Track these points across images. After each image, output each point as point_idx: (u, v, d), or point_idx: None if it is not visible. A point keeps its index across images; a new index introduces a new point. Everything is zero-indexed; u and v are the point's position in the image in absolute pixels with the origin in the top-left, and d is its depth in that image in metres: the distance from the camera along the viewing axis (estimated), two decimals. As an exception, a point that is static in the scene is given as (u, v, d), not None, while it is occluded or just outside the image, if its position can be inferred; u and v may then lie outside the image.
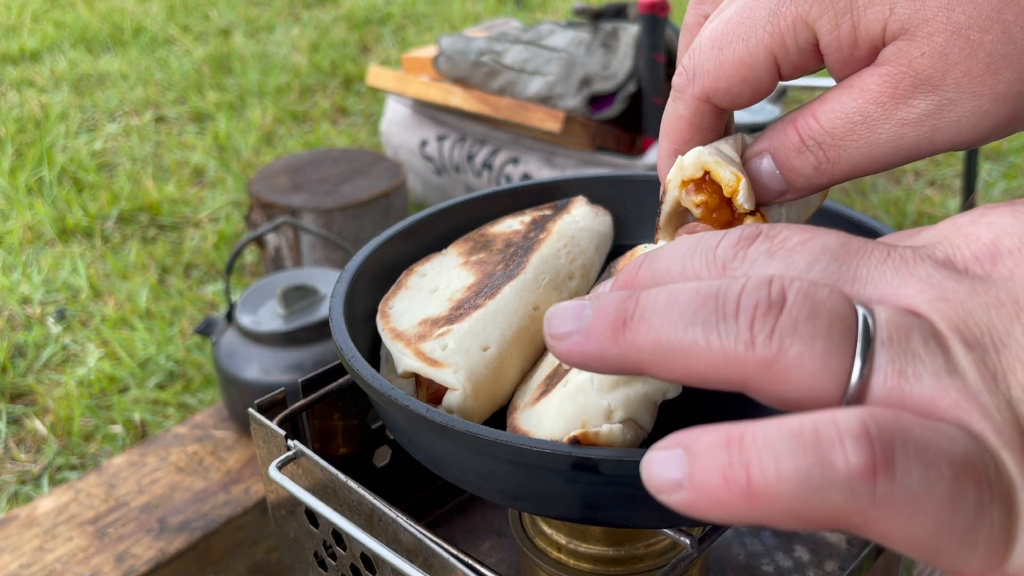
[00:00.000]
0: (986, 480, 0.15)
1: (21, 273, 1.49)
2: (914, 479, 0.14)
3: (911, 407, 0.16)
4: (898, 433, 0.15)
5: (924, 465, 0.14)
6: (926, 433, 0.15)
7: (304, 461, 0.36)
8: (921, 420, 0.15)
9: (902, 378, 0.16)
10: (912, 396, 0.16)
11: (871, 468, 0.14)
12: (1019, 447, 0.15)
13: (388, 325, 0.35)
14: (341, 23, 2.75)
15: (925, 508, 0.14)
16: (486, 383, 0.31)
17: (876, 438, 0.14)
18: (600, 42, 1.37)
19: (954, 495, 0.14)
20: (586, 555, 0.36)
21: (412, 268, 0.39)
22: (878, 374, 0.16)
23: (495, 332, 0.33)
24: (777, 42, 0.25)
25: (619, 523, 0.28)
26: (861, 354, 0.16)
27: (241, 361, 0.89)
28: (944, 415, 0.16)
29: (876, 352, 0.16)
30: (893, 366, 0.16)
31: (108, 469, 0.89)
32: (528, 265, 0.37)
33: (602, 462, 0.25)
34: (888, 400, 0.16)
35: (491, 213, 0.42)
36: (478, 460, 0.28)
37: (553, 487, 0.27)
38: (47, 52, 2.51)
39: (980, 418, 0.15)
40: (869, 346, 0.16)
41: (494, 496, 0.29)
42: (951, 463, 0.15)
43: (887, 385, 0.16)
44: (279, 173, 1.37)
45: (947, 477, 0.14)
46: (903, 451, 0.14)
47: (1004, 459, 0.15)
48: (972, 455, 0.15)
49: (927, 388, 0.16)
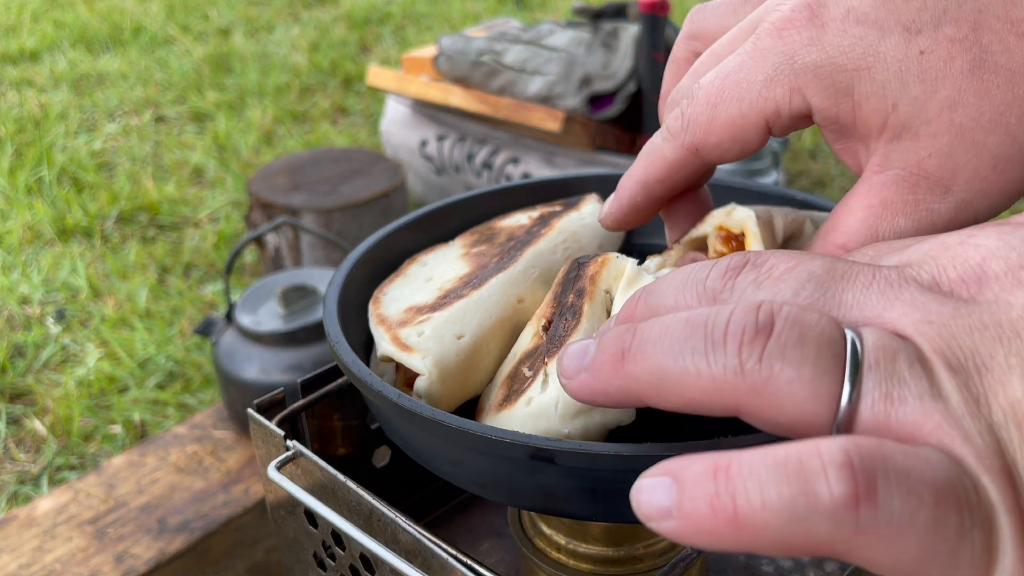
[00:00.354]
0: (967, 505, 0.15)
1: (20, 273, 1.49)
2: (896, 507, 0.15)
3: (897, 431, 0.16)
4: (879, 461, 0.15)
5: (905, 493, 0.15)
6: (908, 460, 0.15)
7: (303, 461, 0.36)
8: (903, 447, 0.15)
9: (888, 402, 0.16)
10: (898, 420, 0.16)
11: (853, 497, 0.15)
12: (999, 471, 0.15)
13: (377, 311, 0.35)
14: (341, 23, 2.75)
15: (907, 535, 0.15)
16: (455, 370, 0.32)
17: (858, 467, 0.15)
18: (600, 42, 1.37)
19: (935, 521, 0.15)
20: (585, 555, 0.36)
21: (415, 257, 0.39)
22: (866, 399, 0.16)
23: (473, 322, 0.33)
24: (771, 108, 0.25)
25: (581, 515, 0.28)
26: (850, 379, 0.16)
27: (241, 361, 0.89)
28: (927, 439, 0.16)
29: (864, 377, 0.17)
30: (880, 390, 0.16)
31: (107, 469, 0.89)
32: (520, 259, 0.37)
33: (558, 453, 0.25)
34: (875, 423, 0.16)
35: (505, 207, 0.42)
36: (446, 447, 0.28)
37: (515, 477, 0.27)
38: (47, 52, 2.51)
39: (962, 443, 0.16)
40: (857, 371, 0.17)
41: (464, 484, 0.29)
42: (932, 490, 0.15)
43: (875, 409, 0.16)
44: (279, 173, 1.37)
45: (928, 504, 0.15)
46: (885, 480, 0.15)
47: (984, 484, 0.15)
48: (953, 480, 0.15)
49: (911, 412, 0.16)
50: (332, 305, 0.33)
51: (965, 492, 0.15)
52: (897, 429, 0.16)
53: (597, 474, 0.26)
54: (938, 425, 0.16)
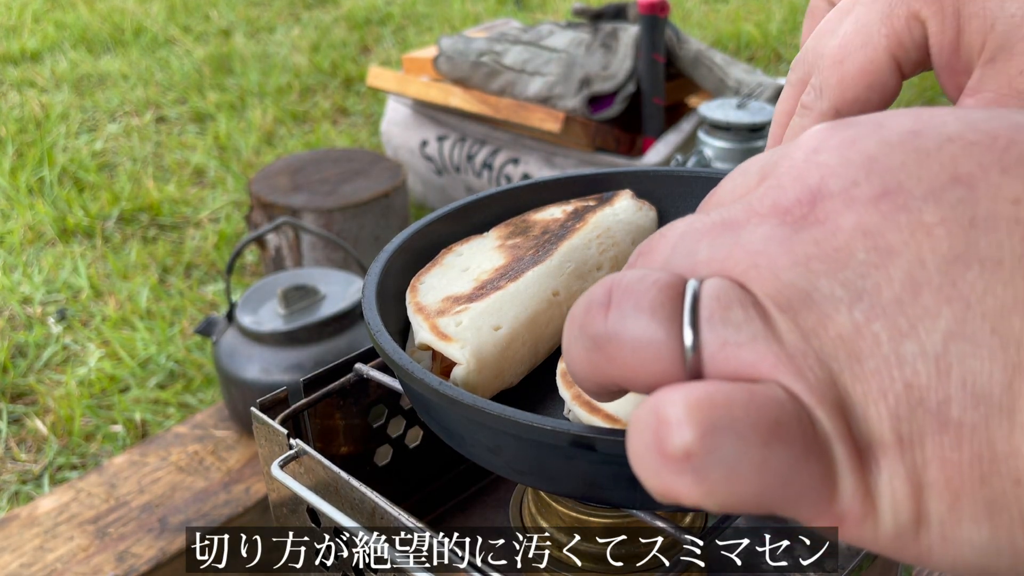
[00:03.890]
0: (800, 439, 0.16)
1: (22, 273, 1.49)
2: (727, 451, 0.16)
3: (740, 375, 0.17)
4: (707, 409, 0.16)
5: (735, 436, 0.16)
6: (738, 403, 0.16)
7: (306, 460, 0.36)
8: (734, 389, 0.16)
9: (726, 349, 0.17)
10: (738, 365, 0.17)
11: (684, 449, 0.16)
12: (831, 403, 0.16)
13: (414, 299, 0.35)
14: (341, 23, 2.75)
15: (741, 475, 0.16)
16: (491, 360, 0.32)
17: (685, 419, 0.16)
18: (600, 42, 1.37)
19: (766, 458, 0.16)
20: (587, 554, 0.36)
21: (451, 247, 0.39)
22: (707, 349, 0.17)
23: (510, 313, 0.34)
24: (895, 43, 0.26)
25: (619, 502, 0.28)
26: (690, 329, 0.17)
27: (242, 361, 0.89)
28: (765, 379, 0.16)
29: (701, 327, 0.17)
30: (717, 340, 0.17)
31: (109, 469, 0.89)
32: (556, 252, 0.37)
33: (598, 441, 0.25)
34: (720, 371, 0.17)
35: (540, 201, 0.43)
36: (486, 434, 0.29)
37: (555, 463, 0.28)
38: (48, 52, 2.52)
39: (793, 378, 0.16)
40: (695, 322, 0.17)
41: (502, 470, 0.30)
42: (760, 430, 0.16)
43: (716, 358, 0.17)
44: (279, 173, 1.37)
45: (757, 443, 0.16)
46: (713, 428, 0.16)
47: (818, 416, 0.16)
48: (784, 416, 0.16)
49: (747, 356, 0.17)
50: (371, 294, 0.34)
51: (798, 426, 0.16)
52: (740, 373, 0.17)
53: None
54: (772, 364, 0.16)
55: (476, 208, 0.41)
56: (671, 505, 0.17)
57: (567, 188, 0.43)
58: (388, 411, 0.43)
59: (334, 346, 0.89)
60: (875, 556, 0.41)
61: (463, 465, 0.48)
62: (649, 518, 0.29)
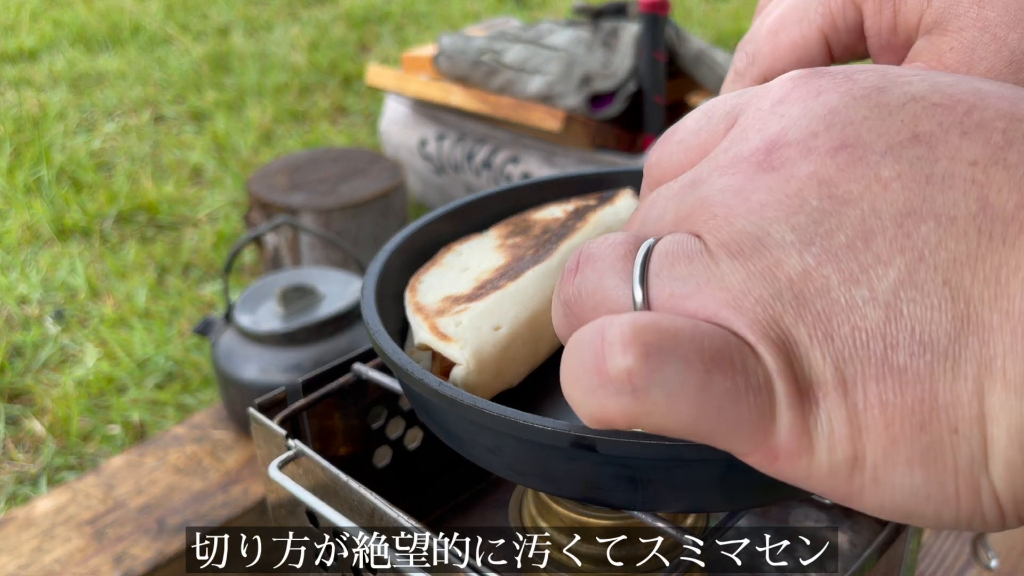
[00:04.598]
0: (741, 371, 0.16)
1: (19, 273, 1.49)
2: (668, 374, 0.16)
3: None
4: (653, 334, 0.16)
5: (678, 359, 0.16)
6: (683, 330, 0.17)
7: (305, 461, 0.36)
8: (679, 319, 0.17)
9: (674, 299, 0.18)
10: (685, 311, 0.18)
11: (626, 369, 0.16)
12: (773, 341, 0.16)
13: (413, 299, 0.35)
14: (340, 22, 2.74)
15: (680, 399, 0.16)
16: (491, 361, 0.32)
17: (630, 341, 0.16)
18: (600, 41, 1.37)
19: (706, 385, 0.16)
20: (587, 556, 0.36)
21: (450, 246, 0.39)
22: (655, 300, 0.18)
23: (509, 313, 0.33)
24: (828, 23, 0.27)
25: (620, 504, 0.28)
26: (638, 285, 0.18)
27: (240, 361, 0.89)
28: (710, 320, 0.17)
29: (650, 280, 0.18)
30: (665, 291, 0.18)
31: (106, 470, 0.89)
32: (556, 252, 0.37)
33: (600, 441, 0.25)
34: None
35: (540, 200, 0.42)
36: (485, 434, 0.28)
37: (555, 464, 0.27)
38: (45, 51, 2.51)
39: (736, 318, 0.17)
40: (644, 276, 0.18)
41: (503, 471, 0.30)
42: (703, 358, 0.16)
43: (665, 308, 0.18)
44: (278, 172, 1.37)
45: (699, 370, 0.16)
46: (658, 350, 0.16)
47: (760, 352, 0.17)
48: (726, 349, 0.16)
49: (694, 302, 0.17)
50: (370, 294, 0.33)
51: (741, 359, 0.16)
52: (684, 315, 0.18)
53: (638, 463, 0.26)
54: (715, 309, 0.17)
55: (476, 207, 0.41)
56: (602, 428, 0.18)
57: (567, 187, 0.43)
58: (387, 412, 0.43)
59: (333, 346, 0.89)
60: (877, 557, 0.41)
61: (463, 466, 0.47)
62: (650, 519, 0.29)
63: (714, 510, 0.29)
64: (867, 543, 0.44)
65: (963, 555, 0.51)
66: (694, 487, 0.27)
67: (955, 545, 0.51)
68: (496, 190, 0.42)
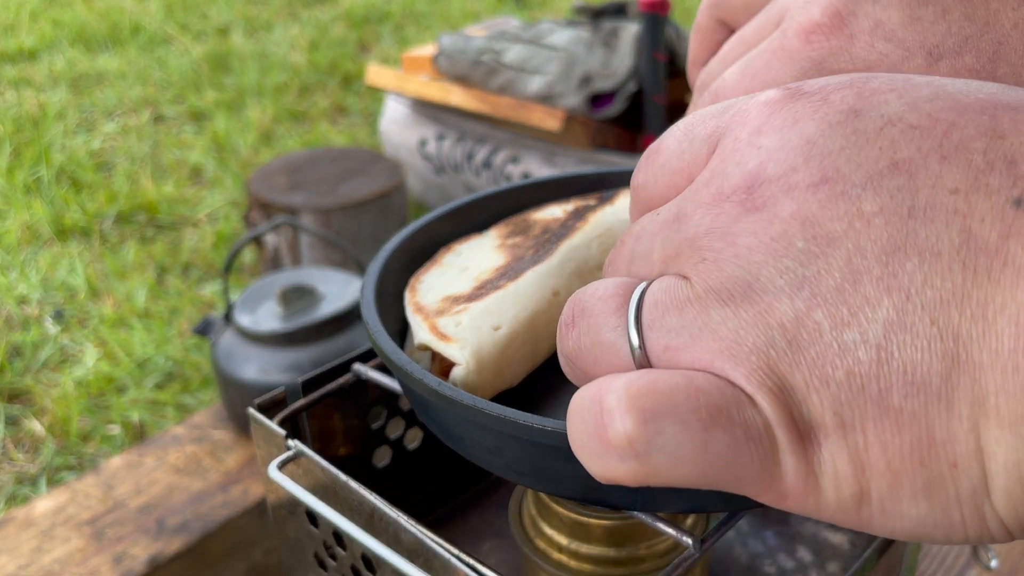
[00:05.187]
0: (740, 424, 0.16)
1: (19, 273, 1.48)
2: (668, 437, 0.16)
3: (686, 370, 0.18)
4: (649, 397, 0.17)
5: (676, 422, 0.16)
6: (679, 390, 0.17)
7: (304, 461, 0.36)
8: (674, 377, 0.17)
9: (669, 351, 0.18)
10: (681, 364, 0.18)
11: (626, 436, 0.16)
12: (770, 389, 0.17)
13: (413, 299, 0.35)
14: (340, 22, 2.74)
15: (683, 459, 0.16)
16: (491, 361, 0.32)
17: (628, 408, 0.16)
18: (600, 41, 1.37)
19: (706, 443, 0.16)
20: (587, 556, 0.36)
21: (450, 246, 0.39)
22: (652, 352, 0.18)
23: (509, 313, 0.33)
24: None
25: (620, 504, 0.28)
26: (635, 335, 0.18)
27: (240, 361, 0.89)
28: (706, 370, 0.17)
29: (645, 333, 0.18)
30: (659, 343, 0.18)
31: (106, 470, 0.89)
32: (556, 252, 0.37)
33: None
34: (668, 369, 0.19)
35: (540, 200, 0.42)
36: (486, 435, 0.28)
37: (555, 465, 0.27)
38: (45, 51, 2.51)
39: (732, 368, 0.17)
40: (639, 327, 0.18)
41: (503, 471, 0.30)
42: (700, 416, 0.16)
43: (662, 359, 0.18)
44: (278, 172, 1.36)
45: (697, 429, 0.16)
46: (654, 415, 0.16)
47: (758, 401, 0.17)
48: (724, 402, 0.17)
49: (688, 353, 0.17)
50: (370, 294, 0.33)
51: (738, 411, 0.16)
52: (680, 368, 0.18)
53: None
54: (710, 360, 0.17)
55: (475, 207, 0.41)
56: (614, 485, 0.18)
57: (567, 187, 0.43)
58: (387, 412, 0.43)
59: (333, 346, 0.88)
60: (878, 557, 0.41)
61: (462, 466, 0.47)
62: (649, 519, 0.29)
63: (714, 510, 0.29)
64: (867, 543, 0.44)
65: (963, 555, 0.51)
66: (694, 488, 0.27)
67: (955, 546, 0.51)
68: (496, 190, 0.42)
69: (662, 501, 0.28)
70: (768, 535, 0.45)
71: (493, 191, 0.42)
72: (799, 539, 0.45)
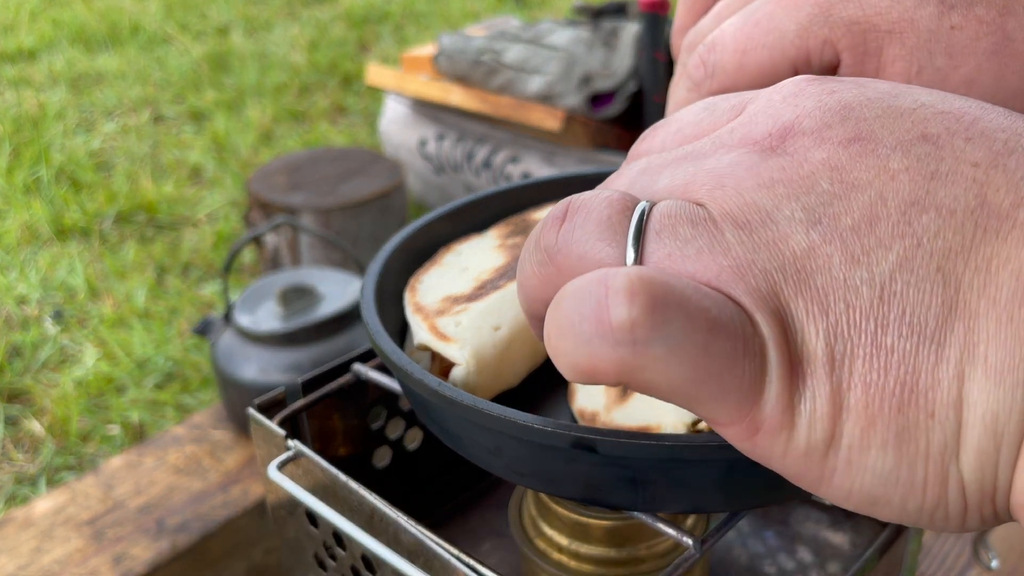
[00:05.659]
0: (740, 337, 0.16)
1: (18, 273, 1.48)
2: (672, 329, 0.16)
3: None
4: (660, 287, 0.16)
5: (683, 317, 0.16)
6: (688, 291, 0.17)
7: (304, 461, 0.36)
8: (687, 281, 0.17)
9: (671, 261, 0.17)
10: (683, 273, 0.17)
11: (630, 320, 0.16)
12: (771, 312, 0.17)
13: (413, 299, 0.35)
14: (340, 21, 2.74)
15: (681, 357, 0.16)
16: (491, 361, 0.32)
17: (638, 291, 0.16)
18: (601, 40, 1.37)
19: (708, 345, 0.16)
20: (587, 556, 0.36)
21: (450, 246, 0.39)
22: (650, 260, 0.18)
23: (509, 313, 0.33)
24: (802, 57, 0.26)
25: (621, 504, 0.28)
26: (632, 243, 0.18)
27: (239, 361, 0.89)
28: (709, 284, 0.17)
29: (647, 241, 0.18)
30: (663, 251, 0.18)
31: (106, 470, 0.89)
32: None
33: (599, 442, 0.25)
34: None
35: (540, 200, 0.42)
36: (486, 435, 0.28)
37: (555, 465, 0.27)
38: (44, 50, 2.51)
39: (736, 284, 0.17)
40: (640, 236, 0.18)
41: (503, 472, 0.29)
42: (707, 318, 0.16)
43: (660, 267, 0.18)
44: (277, 172, 1.36)
45: (703, 329, 0.16)
46: (663, 304, 0.16)
47: (758, 320, 0.17)
48: (727, 315, 0.17)
49: (693, 266, 0.17)
50: (369, 294, 0.33)
51: (740, 325, 0.16)
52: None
53: (638, 463, 0.26)
54: (717, 273, 0.17)
55: (475, 207, 0.41)
56: (583, 381, 0.18)
57: (567, 187, 0.43)
58: (387, 412, 0.43)
59: (333, 346, 0.88)
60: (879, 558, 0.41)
61: (462, 467, 0.47)
62: (650, 520, 0.29)
63: (714, 511, 0.29)
64: (868, 544, 0.43)
65: (964, 555, 0.51)
66: (694, 488, 0.27)
67: (956, 546, 0.51)
68: (496, 190, 0.42)
69: (662, 501, 0.28)
70: (768, 535, 0.45)
71: (493, 191, 0.42)
72: (799, 539, 0.45)
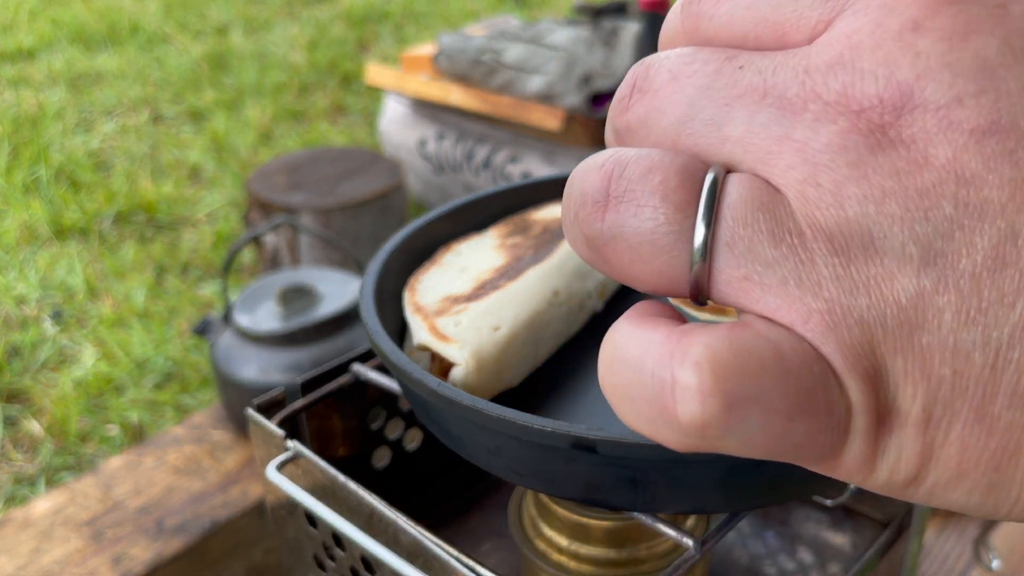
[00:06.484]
0: (825, 411, 0.14)
1: (17, 273, 1.48)
2: (748, 426, 0.14)
3: (755, 309, 0.15)
4: (738, 376, 0.14)
5: (762, 411, 0.14)
6: (769, 371, 0.14)
7: (303, 462, 0.35)
8: (764, 350, 0.14)
9: (748, 284, 0.14)
10: (757, 307, 0.14)
11: (703, 421, 0.14)
12: (863, 373, 0.14)
13: (412, 299, 0.35)
14: (339, 21, 2.74)
15: (756, 444, 0.14)
16: (491, 361, 0.32)
17: (711, 391, 0.14)
18: (601, 40, 1.37)
19: (787, 431, 0.14)
20: (587, 557, 0.36)
21: (450, 245, 0.39)
22: (720, 275, 0.14)
23: (509, 313, 0.33)
24: None
25: (620, 505, 0.28)
26: (701, 253, 0.14)
27: (239, 361, 0.89)
28: (790, 328, 0.14)
29: (718, 250, 0.14)
30: (736, 272, 0.14)
31: (105, 470, 0.89)
32: (556, 251, 0.37)
33: (600, 443, 0.25)
34: (727, 299, 0.15)
35: (540, 200, 0.42)
36: (486, 435, 0.28)
37: (555, 466, 0.27)
38: (43, 50, 2.51)
39: (825, 340, 0.14)
40: (710, 242, 0.14)
41: (503, 472, 0.29)
42: (788, 403, 0.14)
43: (732, 286, 0.15)
44: (277, 172, 1.36)
45: (783, 418, 0.14)
46: (740, 404, 0.14)
47: (848, 385, 0.14)
48: (813, 385, 0.14)
49: (774, 298, 0.14)
50: (369, 295, 0.33)
51: (824, 395, 0.14)
52: (756, 308, 0.14)
53: (638, 464, 0.26)
54: (805, 319, 0.14)
55: (475, 207, 0.41)
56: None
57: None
58: (386, 413, 0.43)
59: (332, 346, 0.88)
60: (879, 558, 0.41)
61: (462, 467, 0.47)
62: (650, 521, 0.29)
63: (714, 511, 0.29)
64: (868, 544, 0.43)
65: (965, 556, 0.51)
66: (694, 488, 0.27)
67: (956, 546, 0.51)
68: (496, 190, 0.42)
69: (662, 502, 0.28)
70: (769, 536, 0.45)
71: (493, 191, 0.42)
72: (800, 540, 0.45)
